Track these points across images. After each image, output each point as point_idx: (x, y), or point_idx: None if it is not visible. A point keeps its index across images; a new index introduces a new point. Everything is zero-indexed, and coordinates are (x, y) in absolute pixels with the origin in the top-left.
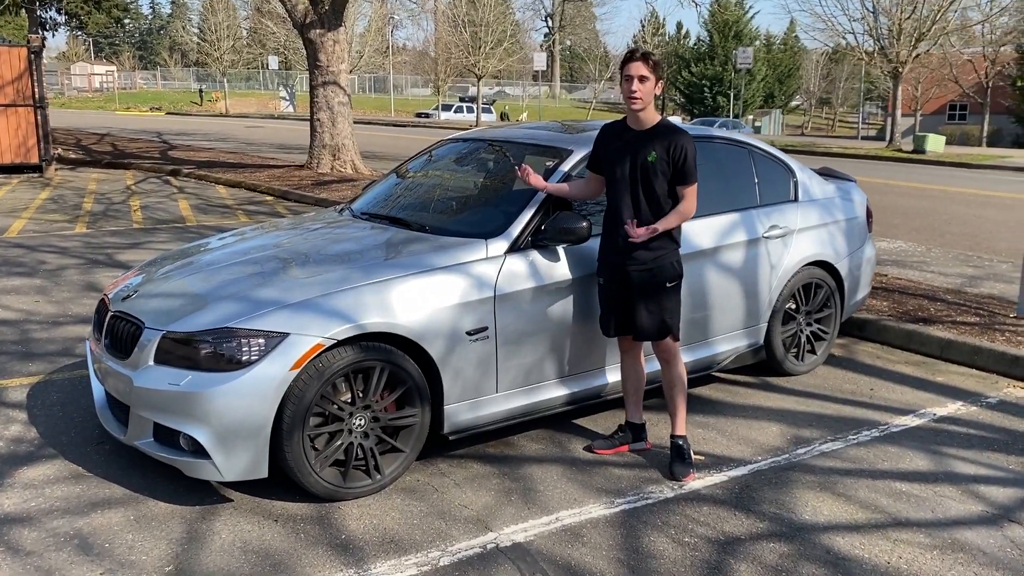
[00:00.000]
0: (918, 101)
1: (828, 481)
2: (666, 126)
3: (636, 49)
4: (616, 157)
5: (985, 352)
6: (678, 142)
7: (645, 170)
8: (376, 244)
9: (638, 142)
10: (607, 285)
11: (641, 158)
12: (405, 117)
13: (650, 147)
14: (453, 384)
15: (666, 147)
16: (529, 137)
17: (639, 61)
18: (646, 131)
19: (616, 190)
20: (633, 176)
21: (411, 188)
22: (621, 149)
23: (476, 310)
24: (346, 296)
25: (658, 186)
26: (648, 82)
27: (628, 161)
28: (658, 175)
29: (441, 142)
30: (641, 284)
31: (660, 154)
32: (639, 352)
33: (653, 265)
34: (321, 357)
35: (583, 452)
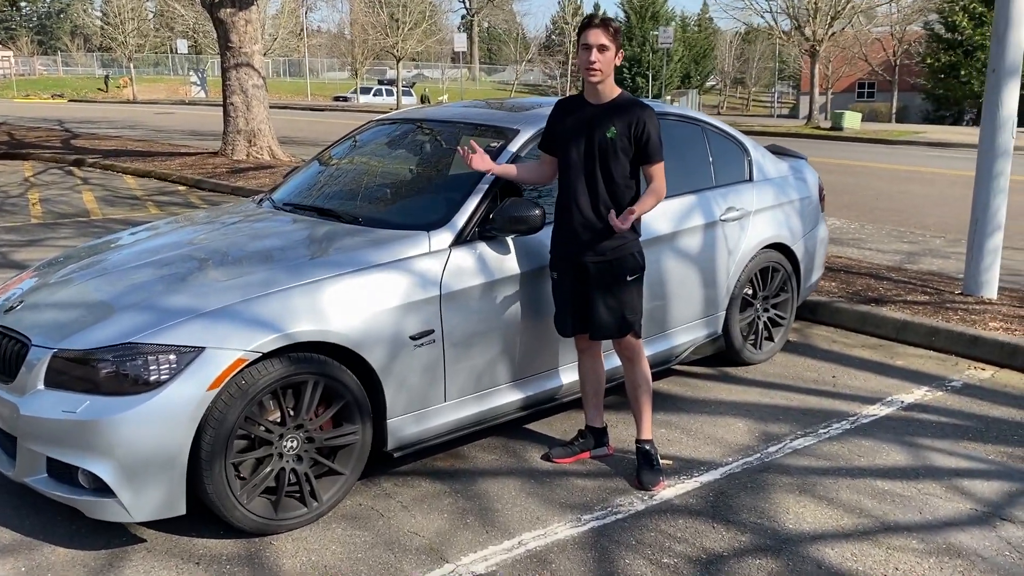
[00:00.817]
0: (829, 80)
1: (806, 483)
2: (627, 99)
3: (595, 14)
4: (571, 134)
5: (942, 333)
6: (640, 116)
7: (603, 148)
8: (303, 239)
9: (596, 118)
10: (561, 279)
11: (599, 135)
12: (323, 101)
13: (609, 122)
14: (397, 395)
15: (627, 122)
16: (468, 116)
17: (599, 28)
18: (605, 105)
19: (570, 172)
20: (589, 155)
21: (338, 175)
22: (576, 126)
23: (420, 311)
24: (271, 301)
25: (618, 166)
26: (608, 52)
27: (584, 138)
28: (618, 154)
29: (369, 124)
30: (599, 277)
31: (620, 130)
32: (598, 351)
33: (612, 257)
34: (244, 373)
35: (541, 462)
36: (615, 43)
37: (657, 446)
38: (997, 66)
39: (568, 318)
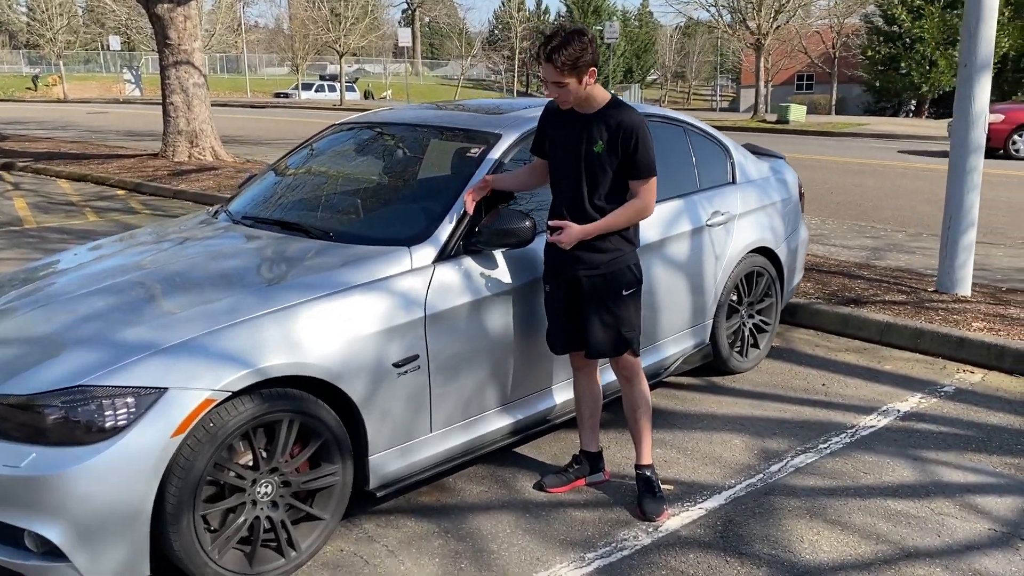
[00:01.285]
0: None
1: (816, 505)
2: (616, 109)
3: (545, 43)
4: (558, 145)
5: (928, 335)
6: (627, 126)
7: (590, 162)
8: (270, 259)
9: (583, 128)
10: (554, 293)
11: (586, 148)
12: (263, 98)
13: (596, 135)
14: (379, 429)
15: (613, 133)
16: (443, 120)
17: (548, 64)
18: (592, 116)
19: (559, 185)
20: (576, 168)
21: (301, 185)
22: (563, 136)
23: (404, 336)
24: (239, 332)
25: (606, 181)
26: (567, 87)
27: (571, 151)
28: (605, 169)
29: (332, 128)
30: (593, 292)
31: (607, 143)
32: (594, 370)
33: (607, 270)
34: (212, 415)
35: (534, 491)
36: (570, 75)
37: (656, 469)
38: (969, 61)
39: (559, 334)
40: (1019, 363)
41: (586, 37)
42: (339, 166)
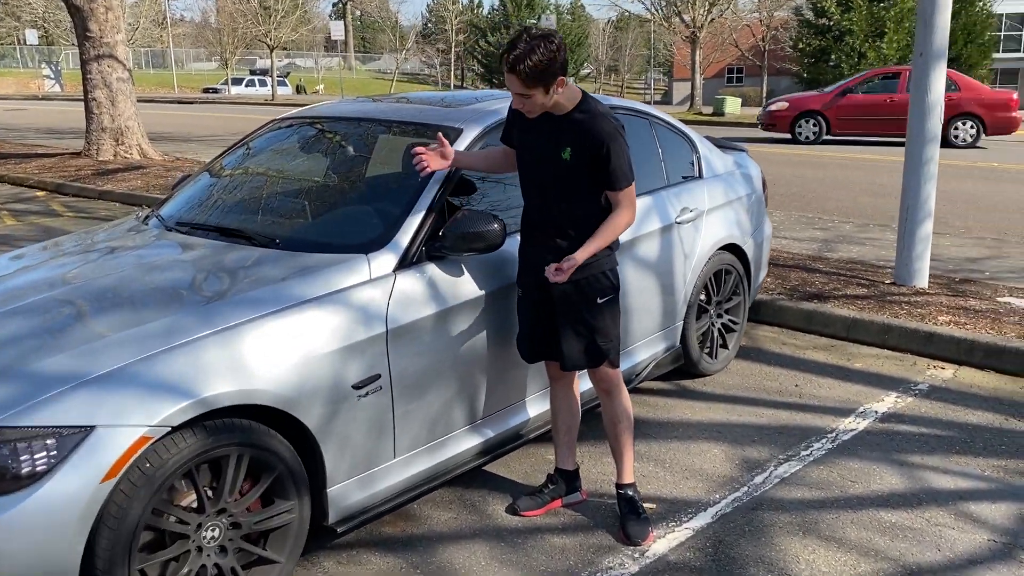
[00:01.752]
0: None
1: (807, 520)
2: (587, 113)
3: (507, 50)
4: (527, 147)
5: (895, 330)
6: (597, 133)
7: (558, 168)
8: (210, 270)
9: (551, 132)
10: (526, 296)
11: (553, 155)
12: (191, 93)
13: (564, 141)
14: (339, 458)
15: (582, 140)
16: (398, 113)
17: (511, 75)
18: (560, 119)
19: (529, 189)
20: (545, 175)
21: (242, 186)
22: (530, 138)
23: (364, 353)
24: (178, 357)
25: (578, 190)
26: (532, 96)
27: (538, 156)
28: (574, 176)
29: (275, 123)
30: (566, 300)
31: (576, 151)
32: (573, 381)
33: (579, 276)
34: (149, 454)
35: (507, 516)
36: (537, 85)
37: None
38: (924, 50)
39: (527, 342)
40: (989, 358)
41: (553, 44)
42: (282, 165)
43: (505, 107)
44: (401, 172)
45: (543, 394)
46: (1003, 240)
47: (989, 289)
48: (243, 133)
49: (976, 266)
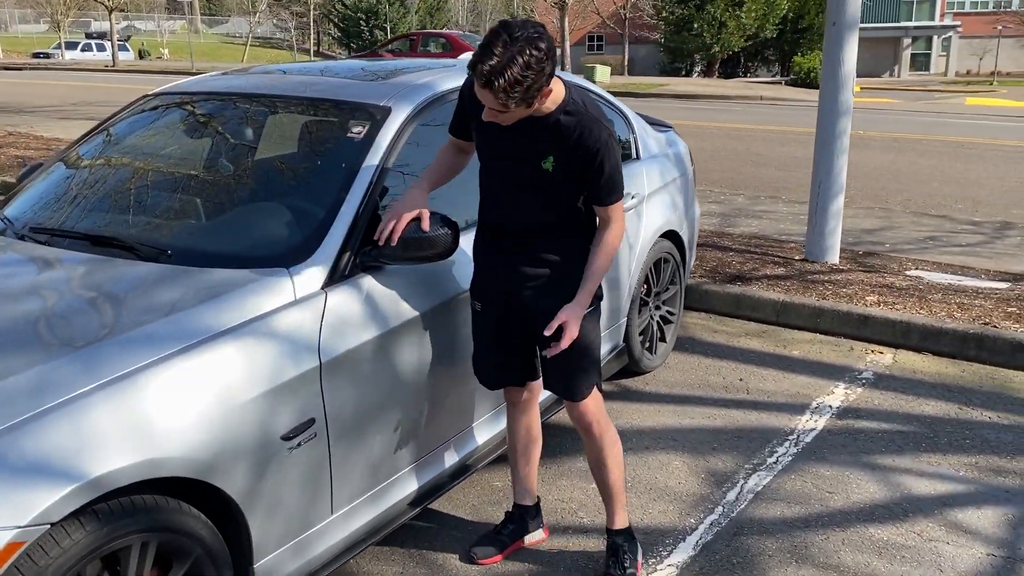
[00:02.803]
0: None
1: (796, 544)
2: (571, 113)
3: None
4: (493, 148)
5: (827, 314)
6: (588, 143)
7: (536, 179)
8: (85, 296)
9: (529, 137)
10: (486, 312)
11: (531, 162)
12: (19, 58)
13: (545, 149)
14: (267, 527)
15: (570, 150)
16: (306, 88)
17: (484, 90)
18: (539, 120)
19: (494, 194)
20: (519, 184)
21: (112, 180)
22: (501, 140)
23: (294, 395)
24: (55, 423)
25: (560, 200)
26: (511, 111)
27: (510, 161)
28: (555, 188)
29: (148, 99)
30: (539, 315)
31: (560, 161)
32: (534, 404)
33: (565, 289)
34: (22, 563)
35: (462, 565)
36: (518, 104)
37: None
38: (837, 19)
39: (490, 366)
40: (926, 340)
41: (541, 50)
42: (165, 153)
43: (439, 80)
44: (320, 162)
45: (492, 415)
46: (889, 210)
47: (895, 263)
48: (86, 103)
49: (874, 238)
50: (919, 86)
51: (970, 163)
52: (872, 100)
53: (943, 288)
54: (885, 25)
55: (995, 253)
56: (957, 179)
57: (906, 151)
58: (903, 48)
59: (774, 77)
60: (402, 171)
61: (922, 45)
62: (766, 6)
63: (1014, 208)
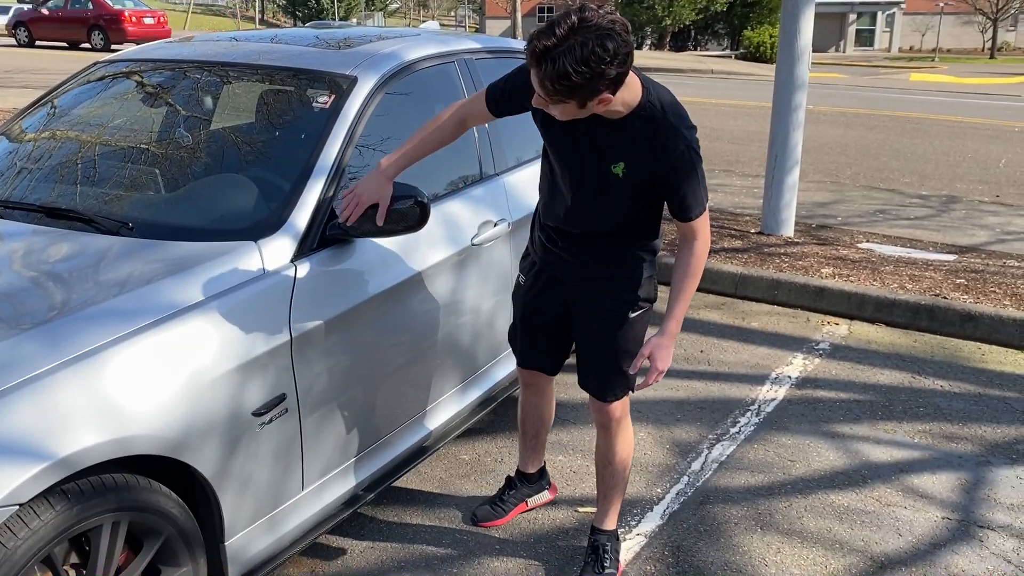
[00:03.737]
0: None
1: (760, 512)
2: (648, 118)
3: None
4: (557, 145)
5: (785, 285)
6: (665, 153)
7: (606, 185)
8: (44, 270)
9: (598, 138)
10: (526, 285)
11: (601, 164)
12: None
13: (617, 152)
14: (239, 505)
15: (644, 159)
16: (269, 56)
17: (533, 69)
18: (613, 123)
19: (557, 189)
20: (585, 185)
21: (68, 149)
22: (567, 137)
23: (265, 370)
24: (20, 402)
25: (628, 208)
26: (570, 103)
27: (579, 160)
28: (625, 195)
29: (101, 66)
30: (587, 310)
31: (633, 167)
32: (547, 388)
33: (612, 284)
34: None
35: (433, 540)
36: (568, 99)
37: (561, 480)
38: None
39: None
40: (879, 311)
41: (609, 50)
42: (118, 124)
43: (405, 49)
44: (284, 132)
45: (460, 389)
46: (840, 183)
47: (848, 235)
48: (20, 71)
49: (826, 211)
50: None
51: (916, 138)
52: (821, 75)
53: (894, 260)
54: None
55: (942, 226)
56: (904, 153)
57: (855, 126)
58: (848, 23)
59: (724, 51)
60: (368, 142)
61: (867, 21)
62: None
63: (958, 182)
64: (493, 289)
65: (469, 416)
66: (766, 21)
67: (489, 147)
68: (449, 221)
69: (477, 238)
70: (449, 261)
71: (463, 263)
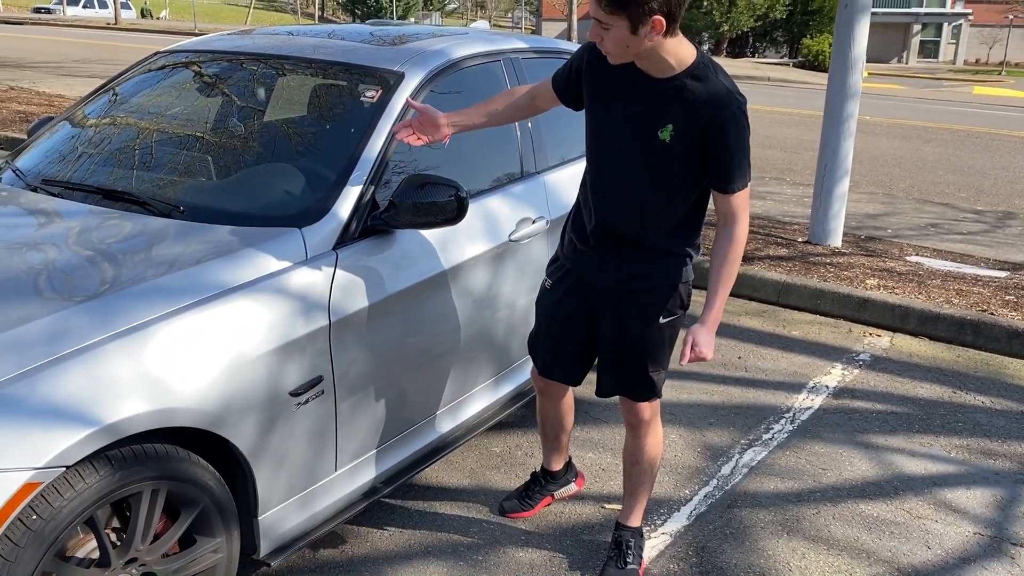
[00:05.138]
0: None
1: (788, 517)
2: (699, 78)
3: None
4: (603, 114)
5: (828, 295)
6: (714, 112)
7: (652, 152)
8: (99, 248)
9: (646, 100)
10: (553, 289)
11: (647, 129)
12: (20, 12)
13: (665, 113)
14: (273, 481)
15: (693, 116)
16: (322, 51)
17: None
18: (661, 81)
19: (598, 163)
20: (629, 155)
21: (125, 135)
22: (614, 103)
23: (303, 353)
24: (71, 370)
25: (672, 181)
26: (613, 29)
27: (623, 127)
28: (672, 164)
29: (161, 56)
30: (615, 312)
31: (681, 129)
32: (568, 393)
33: (642, 285)
34: (37, 504)
35: (461, 529)
36: (619, 12)
37: (590, 477)
38: (849, 1)
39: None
40: (923, 325)
41: None
42: (177, 110)
43: (452, 47)
44: (332, 125)
45: (493, 382)
46: (893, 196)
47: (896, 248)
48: (88, 60)
49: (877, 223)
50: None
51: (975, 152)
52: (879, 86)
53: (943, 274)
54: (895, 11)
55: (996, 242)
56: (962, 168)
57: (912, 138)
58: (912, 34)
59: (782, 58)
60: None
61: (932, 32)
62: None
63: (1016, 198)
64: (529, 286)
65: (501, 409)
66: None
67: (531, 145)
68: (488, 216)
69: (515, 234)
70: (486, 255)
71: (500, 258)
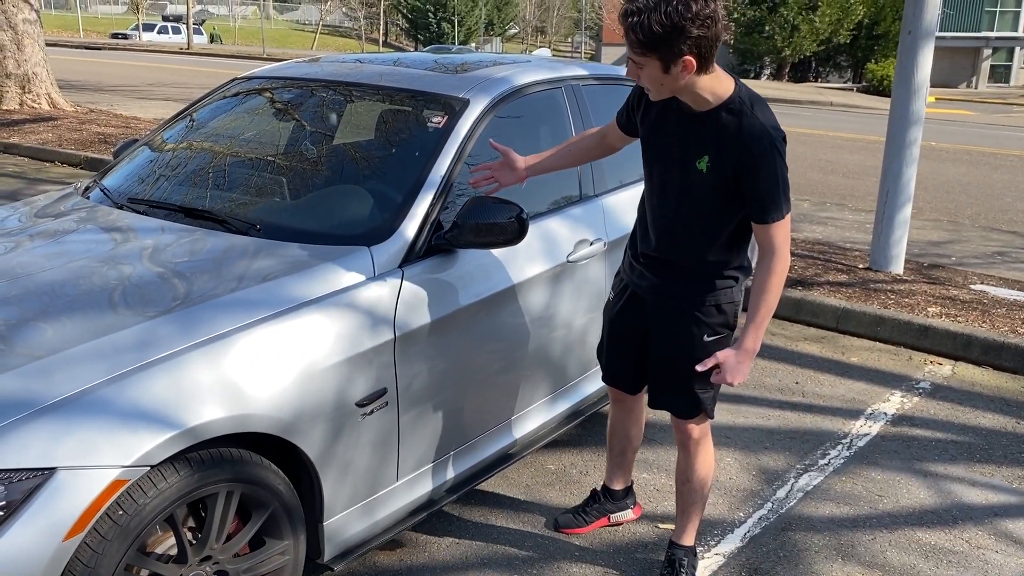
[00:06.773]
0: None
1: (843, 542)
2: (734, 111)
3: (625, 6)
4: (651, 146)
5: (888, 322)
6: (748, 144)
7: (689, 180)
8: (181, 262)
9: (684, 133)
10: (614, 302)
11: (686, 159)
12: (99, 38)
13: (701, 145)
14: (338, 487)
15: (726, 149)
16: (388, 78)
17: (627, 35)
18: (698, 116)
19: (649, 187)
20: (668, 182)
21: (204, 157)
22: (658, 136)
23: (369, 365)
24: (156, 376)
25: (709, 208)
26: (648, 68)
27: (665, 157)
28: (708, 193)
29: (238, 82)
30: (663, 330)
31: (715, 160)
32: (636, 408)
33: (688, 305)
34: (123, 500)
35: (515, 540)
36: (649, 53)
37: (644, 497)
38: (913, 27)
39: (605, 358)
40: (987, 354)
41: (691, 9)
42: (253, 134)
43: (516, 74)
44: (400, 149)
45: (551, 399)
46: (958, 223)
47: (960, 276)
48: (161, 84)
49: (941, 250)
50: (997, 98)
51: None
52: (946, 111)
53: (1008, 303)
54: (964, 35)
55: None
56: None
57: (979, 164)
58: (982, 59)
59: (846, 83)
60: (477, 160)
61: (1003, 56)
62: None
63: None
64: (586, 306)
65: (557, 427)
66: (891, 55)
67: (590, 169)
68: (547, 237)
69: (573, 255)
70: (545, 275)
71: (558, 278)
